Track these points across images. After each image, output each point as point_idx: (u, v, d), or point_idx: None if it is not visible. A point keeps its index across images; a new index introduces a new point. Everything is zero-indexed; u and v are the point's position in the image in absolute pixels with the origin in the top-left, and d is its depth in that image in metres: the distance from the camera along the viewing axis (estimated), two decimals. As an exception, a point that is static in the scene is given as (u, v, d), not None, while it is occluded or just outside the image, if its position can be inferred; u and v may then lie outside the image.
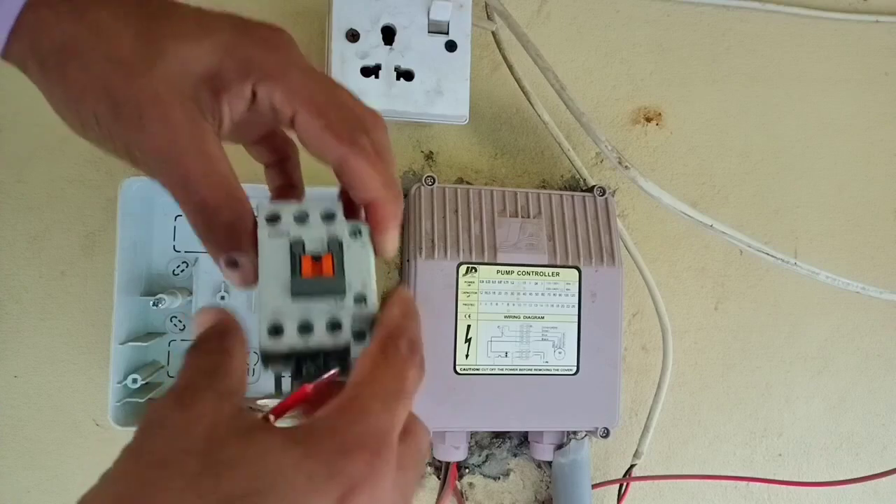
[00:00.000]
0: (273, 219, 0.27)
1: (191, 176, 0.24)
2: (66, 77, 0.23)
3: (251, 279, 0.26)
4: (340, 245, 0.27)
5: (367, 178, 0.26)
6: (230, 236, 0.25)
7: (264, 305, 0.25)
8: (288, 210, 0.27)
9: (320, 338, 0.25)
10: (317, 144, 0.26)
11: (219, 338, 0.24)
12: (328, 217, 0.27)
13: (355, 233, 0.27)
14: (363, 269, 0.27)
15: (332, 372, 0.25)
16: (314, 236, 0.27)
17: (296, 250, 0.26)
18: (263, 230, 0.26)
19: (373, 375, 0.23)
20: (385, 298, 0.26)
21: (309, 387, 0.24)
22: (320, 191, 0.48)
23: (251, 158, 0.33)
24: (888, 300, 0.54)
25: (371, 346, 0.24)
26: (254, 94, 0.25)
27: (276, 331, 0.25)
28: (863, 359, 0.63)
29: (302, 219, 0.27)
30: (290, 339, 0.25)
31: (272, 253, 0.26)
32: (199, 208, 0.25)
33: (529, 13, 0.59)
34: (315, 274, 0.26)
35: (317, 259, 0.26)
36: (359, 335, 0.26)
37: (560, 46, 0.59)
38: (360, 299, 0.26)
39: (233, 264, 0.25)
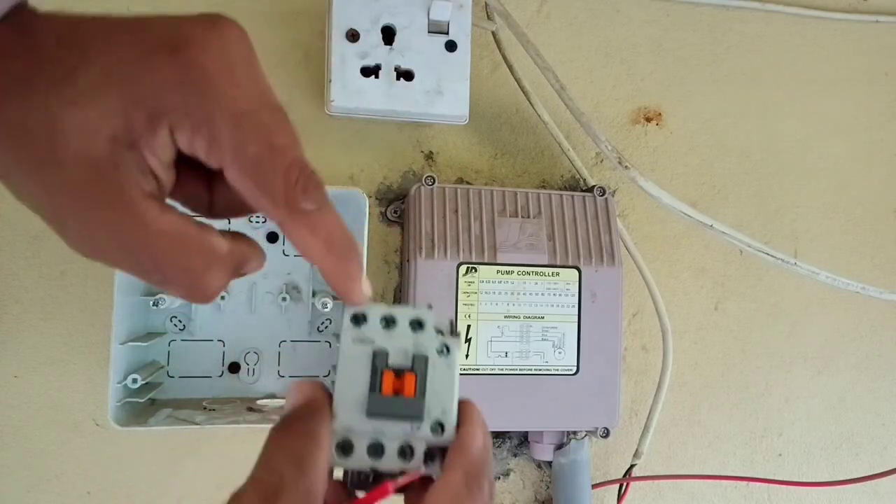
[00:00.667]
0: (358, 320, 0.26)
1: (134, 259, 0.22)
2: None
3: (209, 300, 0.24)
4: (426, 361, 0.25)
5: (309, 245, 0.23)
6: (189, 284, 0.23)
7: (337, 415, 0.25)
8: (376, 312, 0.26)
9: (390, 462, 0.25)
10: (252, 204, 0.23)
11: (309, 419, 0.23)
12: (417, 325, 0.26)
13: (443, 349, 0.26)
14: (446, 393, 0.25)
15: (415, 474, 0.25)
16: (399, 347, 0.25)
17: (378, 362, 0.25)
18: (347, 332, 0.26)
19: None
20: (461, 412, 0.26)
21: (391, 486, 0.24)
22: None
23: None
24: (888, 300, 0.54)
25: (455, 477, 0.23)
26: (176, 144, 0.21)
27: (345, 448, 0.24)
28: (863, 359, 0.63)
29: (389, 324, 0.26)
30: (359, 460, 0.24)
31: (353, 360, 0.25)
32: (154, 279, 0.23)
33: (529, 13, 0.59)
34: (395, 392, 0.25)
35: (399, 375, 0.25)
36: (429, 457, 0.25)
37: (560, 46, 0.59)
38: (438, 427, 0.25)
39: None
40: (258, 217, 0.51)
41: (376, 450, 0.25)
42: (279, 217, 0.23)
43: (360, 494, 0.25)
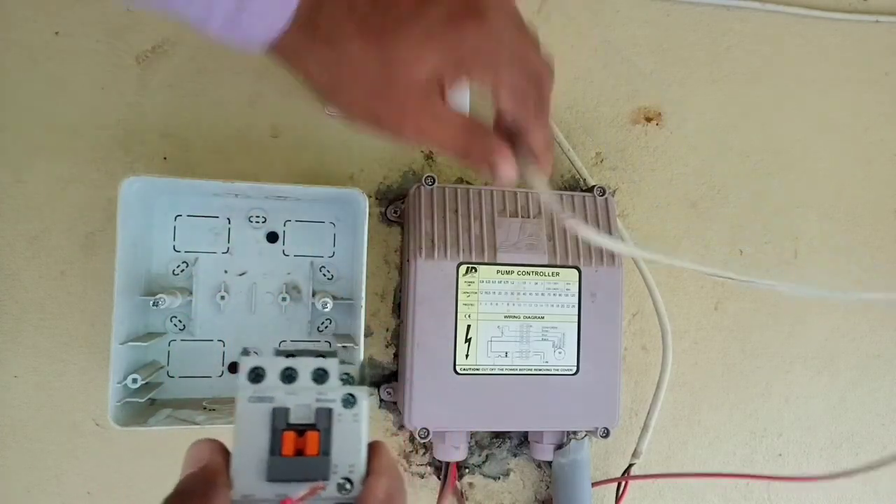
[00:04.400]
0: (256, 377, 0.24)
1: (436, 139, 0.31)
2: (339, 102, 0.30)
3: (511, 173, 0.32)
4: (330, 414, 0.24)
5: (540, 140, 0.33)
6: (477, 154, 0.31)
7: (235, 484, 0.23)
8: (275, 366, 0.24)
9: None
10: (509, 113, 0.32)
11: (202, 493, 0.23)
12: (320, 377, 0.25)
13: (349, 400, 0.24)
14: (352, 447, 0.24)
15: None
16: (302, 402, 0.24)
17: (278, 423, 0.23)
18: (244, 390, 0.24)
19: None
20: (369, 460, 0.24)
21: None
22: (315, 190, 0.48)
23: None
24: (888, 300, 0.54)
25: None
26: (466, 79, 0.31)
27: None
28: (863, 359, 0.63)
29: (290, 378, 0.24)
30: None
31: (251, 420, 0.24)
32: (450, 150, 0.31)
33: (529, 13, 0.59)
34: (297, 452, 0.23)
35: (301, 433, 0.23)
36: None
37: (560, 46, 0.59)
38: (345, 484, 0.24)
39: (492, 166, 0.32)
40: (258, 217, 0.51)
41: None
42: (525, 117, 0.32)
43: None
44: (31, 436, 0.50)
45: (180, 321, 0.50)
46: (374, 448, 0.25)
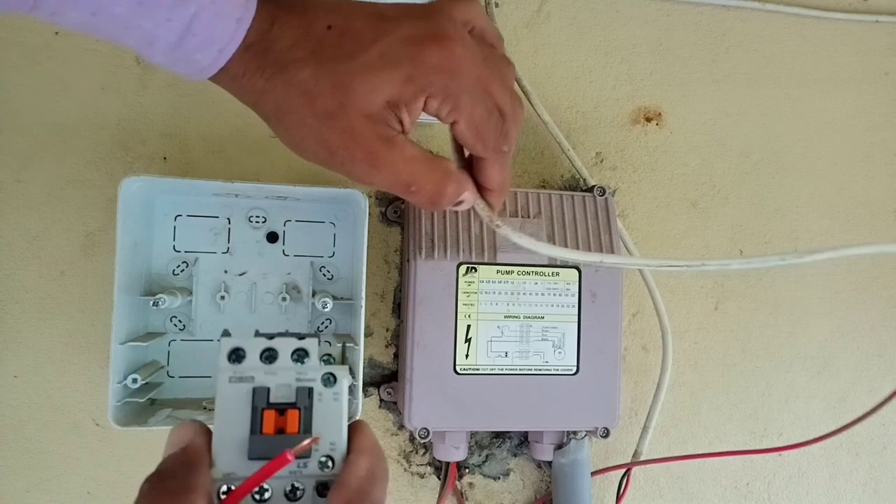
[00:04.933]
0: (236, 357, 0.24)
1: (396, 178, 0.29)
2: (287, 130, 0.28)
3: (472, 200, 0.32)
4: (310, 393, 0.24)
5: (494, 178, 0.32)
6: (432, 192, 0.30)
7: (216, 462, 0.23)
8: (254, 346, 0.25)
9: None
10: (467, 145, 0.31)
11: (184, 473, 0.23)
12: (300, 357, 0.25)
13: (329, 379, 0.25)
14: (334, 426, 0.24)
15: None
16: (282, 381, 0.24)
17: (258, 402, 0.24)
18: (224, 372, 0.24)
19: None
20: (350, 439, 0.24)
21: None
22: (315, 190, 0.48)
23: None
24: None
25: None
26: (425, 104, 0.29)
27: (227, 496, 0.23)
28: (863, 359, 0.63)
29: (270, 358, 0.25)
30: None
31: (231, 400, 0.24)
32: (409, 193, 0.30)
33: (529, 13, 0.59)
34: (278, 430, 0.23)
35: (282, 412, 0.24)
36: (321, 492, 0.24)
37: (560, 46, 0.59)
38: (327, 462, 0.24)
39: (458, 204, 0.31)
40: (258, 217, 0.51)
41: (262, 493, 0.23)
42: (485, 156, 0.31)
43: None
44: (31, 436, 0.50)
45: (180, 321, 0.50)
46: (355, 427, 0.26)
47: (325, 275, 0.52)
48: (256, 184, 0.47)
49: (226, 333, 0.25)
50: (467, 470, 0.56)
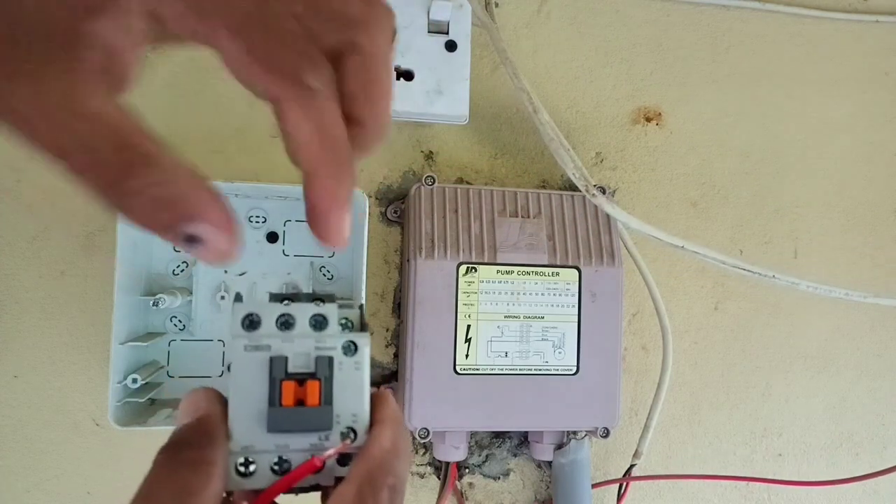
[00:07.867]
0: (252, 324, 0.23)
1: (58, 133, 0.18)
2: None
3: (222, 254, 0.20)
4: (331, 363, 0.23)
5: (299, 131, 0.18)
6: (110, 180, 0.18)
7: (234, 435, 0.22)
8: (270, 312, 0.23)
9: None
10: (242, 79, 0.18)
11: (199, 445, 0.21)
12: (318, 323, 0.24)
13: (349, 348, 0.23)
14: (355, 396, 0.23)
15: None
16: (300, 350, 0.23)
17: (276, 372, 0.22)
18: (239, 339, 0.23)
19: None
20: (373, 409, 0.23)
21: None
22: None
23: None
24: (886, 304, 0.54)
25: (347, 490, 0.21)
26: (154, 18, 0.17)
27: (245, 469, 0.22)
28: (863, 359, 0.63)
29: (287, 325, 0.23)
30: (262, 479, 0.22)
31: (248, 370, 0.22)
32: (67, 165, 0.18)
33: (529, 13, 0.59)
34: (297, 402, 0.22)
35: (301, 382, 0.23)
36: (343, 463, 0.23)
37: (560, 46, 0.59)
38: (349, 433, 0.23)
39: (191, 240, 0.19)
40: (258, 217, 0.51)
41: (282, 466, 0.22)
42: (272, 93, 0.18)
43: None
44: (31, 436, 0.50)
45: (180, 321, 0.50)
46: (377, 397, 0.24)
47: (324, 275, 0.52)
48: (256, 184, 0.47)
49: (238, 298, 0.24)
50: (467, 470, 0.56)
